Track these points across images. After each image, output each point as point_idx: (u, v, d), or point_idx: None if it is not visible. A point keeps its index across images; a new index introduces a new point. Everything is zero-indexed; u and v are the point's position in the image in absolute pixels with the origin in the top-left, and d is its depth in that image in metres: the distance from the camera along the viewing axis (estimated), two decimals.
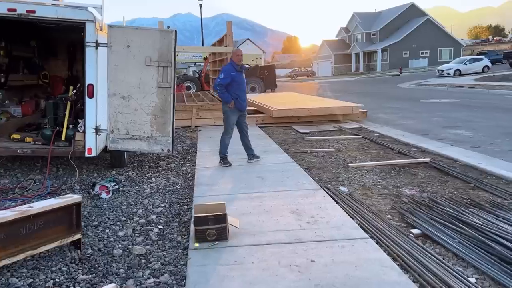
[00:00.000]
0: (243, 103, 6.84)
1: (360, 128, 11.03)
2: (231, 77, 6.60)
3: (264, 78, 24.31)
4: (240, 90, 6.79)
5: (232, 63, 6.77)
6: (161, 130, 5.88)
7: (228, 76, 6.61)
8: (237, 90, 6.71)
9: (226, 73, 6.63)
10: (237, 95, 6.73)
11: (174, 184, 6.04)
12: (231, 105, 6.66)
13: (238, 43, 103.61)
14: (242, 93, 6.84)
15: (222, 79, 6.59)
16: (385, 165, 6.91)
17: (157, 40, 5.71)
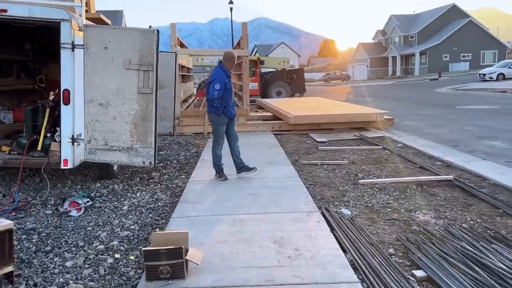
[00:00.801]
0: (232, 110, 6.29)
1: (382, 137, 10.14)
2: (225, 85, 6.00)
3: (291, 82, 23.54)
4: (229, 98, 6.23)
5: (223, 69, 6.10)
6: (142, 141, 5.32)
7: (223, 85, 5.98)
8: (226, 98, 6.10)
9: (221, 82, 5.96)
10: (226, 103, 6.13)
11: (158, 201, 5.45)
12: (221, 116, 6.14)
13: (273, 47, 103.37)
14: (230, 100, 6.28)
15: (219, 90, 5.91)
16: (401, 182, 6.06)
17: (137, 41, 5.15)
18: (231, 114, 6.27)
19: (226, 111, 6.11)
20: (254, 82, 22.08)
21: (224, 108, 6.07)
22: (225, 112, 6.11)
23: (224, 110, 6.08)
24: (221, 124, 6.18)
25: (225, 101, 6.06)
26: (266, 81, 22.62)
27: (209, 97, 5.97)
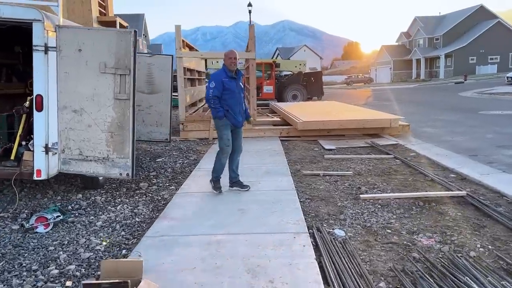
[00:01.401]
0: (236, 117, 5.60)
1: (395, 145, 9.50)
2: (222, 84, 5.42)
3: (308, 85, 22.94)
4: (233, 101, 5.56)
5: (224, 68, 5.59)
6: (119, 151, 4.91)
7: (219, 84, 5.42)
8: (229, 101, 5.50)
9: (217, 80, 5.43)
10: (229, 107, 5.54)
11: (136, 215, 5.03)
12: None
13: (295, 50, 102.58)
14: (236, 105, 5.59)
15: (214, 88, 5.38)
16: (407, 198, 5.48)
17: (113, 42, 4.75)
18: (236, 121, 5.60)
19: (228, 115, 5.51)
20: (269, 85, 21.62)
21: (226, 112, 5.50)
22: (228, 116, 5.51)
23: (226, 114, 5.50)
24: (225, 128, 5.57)
25: (226, 103, 5.50)
26: (282, 84, 22.09)
27: (206, 98, 5.56)
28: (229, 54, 5.56)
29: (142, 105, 7.64)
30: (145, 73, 7.52)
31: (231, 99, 5.54)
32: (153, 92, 7.56)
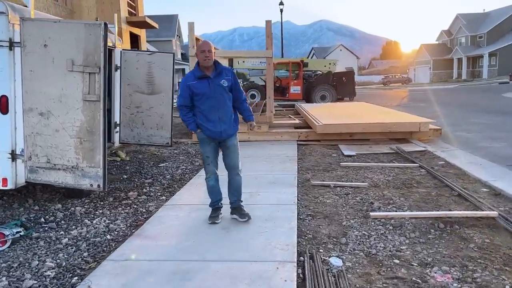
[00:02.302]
0: (212, 127, 4.34)
1: (423, 152, 8.58)
2: (189, 89, 4.31)
3: (338, 85, 21.98)
4: (207, 107, 4.32)
5: (195, 66, 4.41)
6: (89, 159, 4.37)
7: (184, 90, 4.34)
8: (202, 107, 4.33)
9: (182, 86, 4.39)
10: (202, 115, 4.36)
11: (110, 231, 4.47)
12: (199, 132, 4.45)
13: (331, 49, 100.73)
14: (212, 112, 4.32)
15: (179, 97, 4.43)
16: (425, 217, 4.66)
17: (81, 36, 4.21)
18: (211, 132, 4.36)
19: (201, 126, 4.38)
20: (296, 85, 20.85)
21: (198, 121, 4.39)
22: (201, 127, 4.38)
23: (200, 126, 4.38)
24: (202, 143, 4.51)
25: (199, 111, 4.36)
26: (310, 84, 21.24)
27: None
28: (200, 46, 4.31)
29: (142, 107, 7.13)
30: (145, 73, 7.01)
31: (204, 105, 4.33)
32: (154, 93, 7.03)
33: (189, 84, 4.34)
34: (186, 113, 4.42)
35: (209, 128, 4.38)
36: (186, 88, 4.35)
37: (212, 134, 4.41)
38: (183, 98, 4.37)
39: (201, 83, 4.33)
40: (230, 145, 4.56)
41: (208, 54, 4.28)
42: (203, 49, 4.29)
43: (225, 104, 4.42)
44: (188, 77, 4.43)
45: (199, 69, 4.36)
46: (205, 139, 4.47)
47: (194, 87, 4.33)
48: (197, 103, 4.38)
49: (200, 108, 4.38)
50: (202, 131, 4.41)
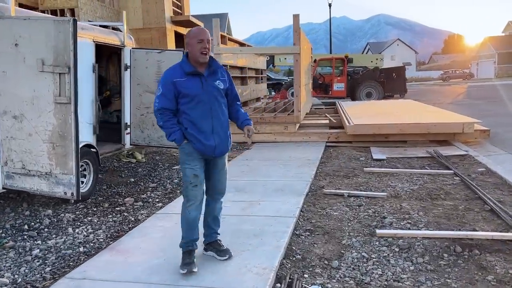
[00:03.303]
0: (205, 139, 3.34)
1: (464, 156, 7.67)
2: (173, 88, 3.28)
3: (387, 82, 20.83)
4: (198, 113, 3.33)
5: (183, 59, 3.40)
6: (62, 165, 4.10)
7: (168, 88, 3.29)
8: (191, 112, 3.32)
9: (165, 82, 3.31)
10: (191, 122, 3.33)
11: (86, 243, 4.19)
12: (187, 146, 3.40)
13: (387, 44, 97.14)
14: (204, 119, 3.34)
15: (159, 96, 3.32)
16: (441, 238, 3.97)
17: (51, 34, 3.94)
18: (204, 146, 3.34)
19: (190, 137, 3.33)
20: (340, 82, 19.97)
21: (185, 131, 3.34)
22: (190, 138, 3.34)
23: (187, 135, 3.34)
24: (188, 158, 3.37)
25: (187, 118, 3.33)
26: (355, 81, 20.29)
27: (154, 112, 3.41)
28: (197, 33, 3.31)
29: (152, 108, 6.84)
30: (154, 72, 6.72)
31: (194, 110, 3.32)
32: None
33: (176, 81, 3.27)
34: (169, 119, 3.32)
35: (203, 140, 3.33)
36: (171, 86, 3.28)
37: (204, 149, 3.35)
38: (165, 99, 3.29)
39: (192, 81, 3.31)
40: (221, 164, 3.57)
41: (208, 45, 3.31)
42: (201, 38, 3.27)
43: (221, 111, 3.43)
44: (174, 72, 3.34)
45: (190, 64, 3.34)
46: (194, 152, 3.36)
47: (182, 86, 3.28)
48: (184, 107, 3.32)
49: (188, 114, 3.32)
50: (191, 142, 3.35)
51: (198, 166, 3.40)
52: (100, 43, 5.97)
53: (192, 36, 3.31)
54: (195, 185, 3.38)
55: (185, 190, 3.42)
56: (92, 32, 5.81)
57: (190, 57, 3.36)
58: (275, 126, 9.76)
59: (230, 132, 3.63)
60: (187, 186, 3.39)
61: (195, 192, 3.39)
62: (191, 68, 3.34)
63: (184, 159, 3.41)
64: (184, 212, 3.45)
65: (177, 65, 3.45)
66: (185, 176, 3.40)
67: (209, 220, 3.67)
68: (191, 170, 3.38)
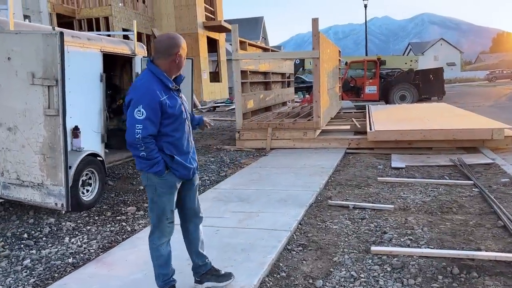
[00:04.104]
0: (187, 163, 2.99)
1: (489, 165, 7.22)
2: (159, 108, 2.80)
3: (423, 84, 20.09)
4: (182, 134, 2.98)
5: (157, 72, 2.86)
6: (53, 177, 4.15)
7: (155, 110, 2.78)
8: (175, 135, 2.92)
9: (150, 102, 2.77)
10: (175, 147, 2.94)
11: (75, 254, 4.21)
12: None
13: (430, 44, 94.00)
14: (186, 140, 3.01)
15: (144, 121, 2.74)
16: (439, 257, 3.71)
17: (40, 48, 3.99)
18: (187, 170, 3.00)
19: (174, 165, 2.92)
20: (372, 85, 19.45)
21: (170, 160, 2.91)
22: (173, 166, 2.92)
23: (170, 163, 2.91)
24: (168, 190, 2.95)
25: (171, 142, 2.92)
26: (388, 83, 19.70)
27: (129, 140, 2.77)
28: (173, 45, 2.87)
29: None
30: None
31: (178, 131, 2.94)
32: None
33: (162, 100, 2.79)
34: (154, 147, 2.83)
35: (185, 164, 2.97)
36: (157, 106, 2.78)
37: (187, 173, 3.01)
38: (151, 125, 2.77)
39: (174, 98, 2.91)
40: (197, 183, 3.21)
41: (178, 58, 2.91)
42: (185, 50, 2.96)
43: (191, 127, 3.16)
44: (156, 88, 2.81)
45: (169, 77, 2.90)
46: (174, 183, 2.96)
47: (167, 105, 2.82)
48: (167, 129, 2.87)
49: (172, 136, 2.91)
50: (174, 170, 2.93)
51: (175, 199, 3.03)
52: (109, 53, 6.04)
53: (174, 45, 2.87)
54: (171, 221, 3.03)
55: (159, 226, 3.00)
56: (100, 42, 5.89)
57: (166, 69, 2.87)
58: (294, 132, 9.58)
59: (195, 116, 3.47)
60: (163, 222, 2.98)
61: (171, 229, 3.05)
62: (172, 82, 2.91)
63: (163, 191, 2.94)
64: (157, 250, 3.03)
65: (150, 76, 2.86)
66: (162, 211, 2.96)
67: (198, 249, 3.26)
68: (170, 205, 2.98)
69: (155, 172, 2.86)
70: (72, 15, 20.05)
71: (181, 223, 3.21)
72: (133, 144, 2.79)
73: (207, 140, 11.45)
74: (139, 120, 2.74)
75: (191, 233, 3.23)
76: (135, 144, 2.78)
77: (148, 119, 2.75)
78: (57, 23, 18.52)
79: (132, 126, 2.76)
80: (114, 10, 19.98)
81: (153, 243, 3.04)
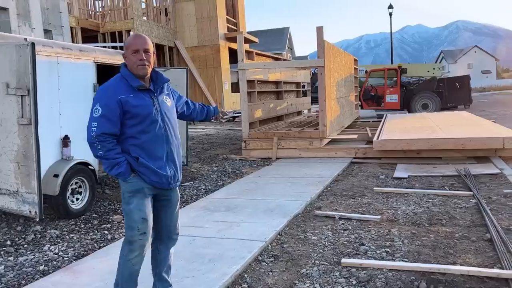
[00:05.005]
0: (160, 169, 2.84)
1: (496, 175, 6.90)
2: (118, 107, 2.73)
3: (447, 92, 19.55)
4: (152, 137, 2.83)
5: (123, 72, 2.84)
6: (26, 185, 4.23)
7: (111, 108, 2.72)
8: (141, 136, 2.80)
9: (107, 100, 2.74)
10: (143, 150, 2.81)
11: (47, 262, 4.25)
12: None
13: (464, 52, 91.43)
14: (159, 145, 2.85)
15: (98, 118, 2.71)
16: (409, 271, 3.54)
17: (14, 59, 4.10)
18: (160, 177, 2.85)
19: (142, 169, 2.79)
20: (393, 94, 19.07)
21: (135, 161, 2.78)
22: (141, 170, 2.79)
23: (136, 167, 2.78)
24: (135, 195, 2.81)
25: (138, 144, 2.80)
26: (410, 92, 19.25)
27: (87, 139, 2.76)
28: (131, 43, 2.80)
29: None
30: None
31: (146, 134, 2.81)
32: None
33: (122, 98, 2.72)
34: (113, 147, 2.72)
35: (155, 169, 2.81)
36: (115, 105, 2.71)
37: (160, 181, 2.84)
38: (107, 122, 2.70)
39: (141, 98, 2.80)
40: (176, 198, 3.05)
41: (145, 56, 2.78)
42: (135, 48, 2.77)
43: (174, 133, 2.95)
44: (116, 86, 2.78)
45: (133, 77, 2.81)
46: (144, 189, 2.82)
47: (130, 104, 2.74)
48: (131, 131, 2.78)
49: (138, 139, 2.79)
50: (142, 175, 2.80)
51: (147, 207, 2.82)
52: (103, 63, 6.16)
53: (126, 46, 2.83)
54: (143, 232, 2.79)
55: (130, 237, 2.81)
56: (93, 53, 6.02)
57: (128, 70, 2.84)
58: (300, 142, 9.47)
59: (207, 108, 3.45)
60: (133, 233, 2.79)
61: (143, 241, 2.81)
62: (138, 81, 2.80)
63: (130, 197, 2.80)
64: (126, 264, 2.85)
65: (118, 78, 2.84)
66: (131, 220, 2.79)
67: (162, 273, 3.07)
68: (139, 212, 2.78)
69: (117, 174, 2.76)
70: (96, 29, 20.69)
71: (152, 240, 3.01)
72: (90, 143, 2.74)
73: (217, 149, 11.48)
74: (95, 117, 2.71)
75: (160, 253, 3.06)
76: (92, 143, 2.73)
77: (103, 117, 2.69)
78: (81, 37, 19.17)
79: (89, 124, 2.74)
80: (136, 24, 20.49)
81: (122, 254, 2.88)
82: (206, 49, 24.03)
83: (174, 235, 3.07)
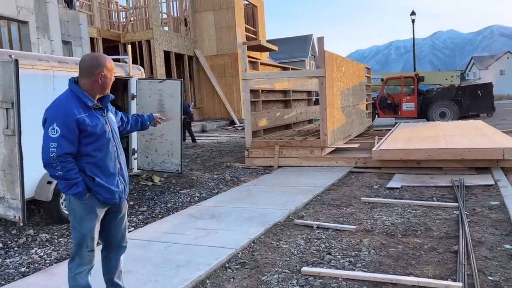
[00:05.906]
0: (112, 186, 2.94)
1: (489, 187, 6.82)
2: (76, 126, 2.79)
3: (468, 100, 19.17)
4: (105, 155, 2.93)
5: (76, 90, 2.88)
6: (11, 191, 4.52)
7: (71, 129, 2.77)
8: (97, 154, 2.89)
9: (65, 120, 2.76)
10: (98, 168, 2.90)
11: (32, 263, 4.54)
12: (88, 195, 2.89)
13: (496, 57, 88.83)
14: (110, 162, 2.96)
15: (58, 139, 2.73)
16: (362, 281, 3.62)
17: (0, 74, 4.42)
18: (112, 194, 2.95)
19: (96, 187, 2.88)
20: (409, 102, 18.87)
21: (91, 181, 2.87)
22: (95, 188, 2.88)
23: (92, 186, 2.87)
24: (86, 217, 2.89)
25: (93, 163, 2.88)
26: (427, 100, 18.99)
27: (44, 159, 2.77)
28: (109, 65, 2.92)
29: (155, 134, 7.24)
30: (156, 100, 7.12)
31: (101, 151, 2.91)
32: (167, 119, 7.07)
33: (79, 118, 2.78)
34: (72, 167, 2.79)
35: (109, 187, 2.91)
36: (73, 125, 2.76)
37: (112, 197, 2.95)
38: (67, 143, 2.75)
39: (95, 117, 2.89)
40: (124, 210, 3.15)
41: (107, 74, 2.91)
42: (111, 70, 2.95)
43: (121, 149, 3.13)
44: (72, 105, 2.80)
45: (89, 96, 2.87)
46: (95, 208, 2.90)
47: (86, 124, 2.81)
48: (87, 149, 2.85)
49: (94, 157, 2.87)
50: (96, 194, 2.88)
51: (97, 226, 2.94)
52: None
53: (107, 67, 2.90)
54: (91, 249, 2.92)
55: (79, 253, 2.91)
56: None
57: (88, 89, 2.87)
58: (301, 151, 9.57)
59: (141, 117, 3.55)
60: (82, 249, 2.90)
61: (91, 257, 2.94)
62: (93, 101, 2.88)
63: (83, 216, 2.87)
64: (75, 280, 2.93)
65: (69, 95, 2.87)
66: (82, 238, 2.89)
67: (114, 279, 3.21)
68: (90, 233, 2.89)
69: (74, 194, 2.82)
70: (117, 39, 21.36)
71: (102, 248, 3.16)
72: (48, 163, 2.76)
73: (224, 157, 11.69)
74: (53, 138, 2.73)
75: (110, 261, 3.18)
76: (51, 163, 2.75)
77: (62, 137, 2.73)
78: (103, 47, 19.85)
79: (46, 144, 2.74)
80: (155, 34, 21.04)
81: (71, 271, 2.94)
82: (224, 58, 24.40)
83: (123, 243, 3.20)
